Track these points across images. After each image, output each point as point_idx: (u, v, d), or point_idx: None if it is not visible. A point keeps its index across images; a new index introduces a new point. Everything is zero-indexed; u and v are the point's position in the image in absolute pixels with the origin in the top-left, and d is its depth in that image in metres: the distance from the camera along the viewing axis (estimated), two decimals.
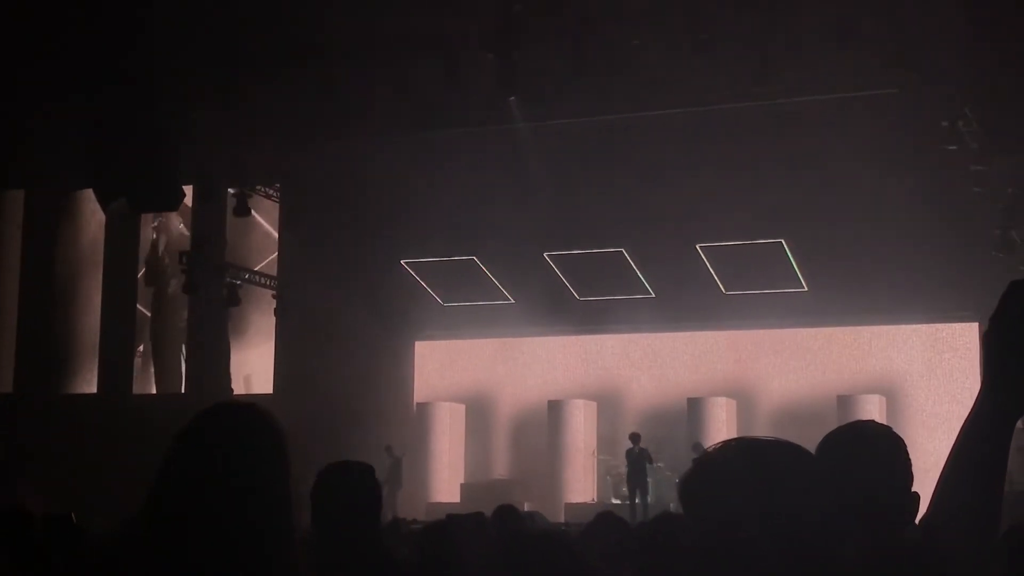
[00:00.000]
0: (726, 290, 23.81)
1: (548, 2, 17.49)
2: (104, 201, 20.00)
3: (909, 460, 3.12)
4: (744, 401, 23.92)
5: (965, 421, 2.24)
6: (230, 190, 23.08)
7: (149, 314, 26.21)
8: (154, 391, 25.88)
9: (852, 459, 3.02)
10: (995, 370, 2.21)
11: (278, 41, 18.90)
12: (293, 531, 2.49)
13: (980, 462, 2.22)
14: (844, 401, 22.53)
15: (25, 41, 19.28)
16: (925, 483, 3.07)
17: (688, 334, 24.85)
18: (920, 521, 2.44)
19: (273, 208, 25.18)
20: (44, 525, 5.96)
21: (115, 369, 25.59)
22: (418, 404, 25.97)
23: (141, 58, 17.82)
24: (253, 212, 23.83)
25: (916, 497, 3.05)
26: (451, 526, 5.65)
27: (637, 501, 21.21)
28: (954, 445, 2.25)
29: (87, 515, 9.41)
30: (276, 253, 25.43)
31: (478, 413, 25.78)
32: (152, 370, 26.25)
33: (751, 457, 2.13)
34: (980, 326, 21.70)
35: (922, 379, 23.35)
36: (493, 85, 18.54)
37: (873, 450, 3.09)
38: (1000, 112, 17.30)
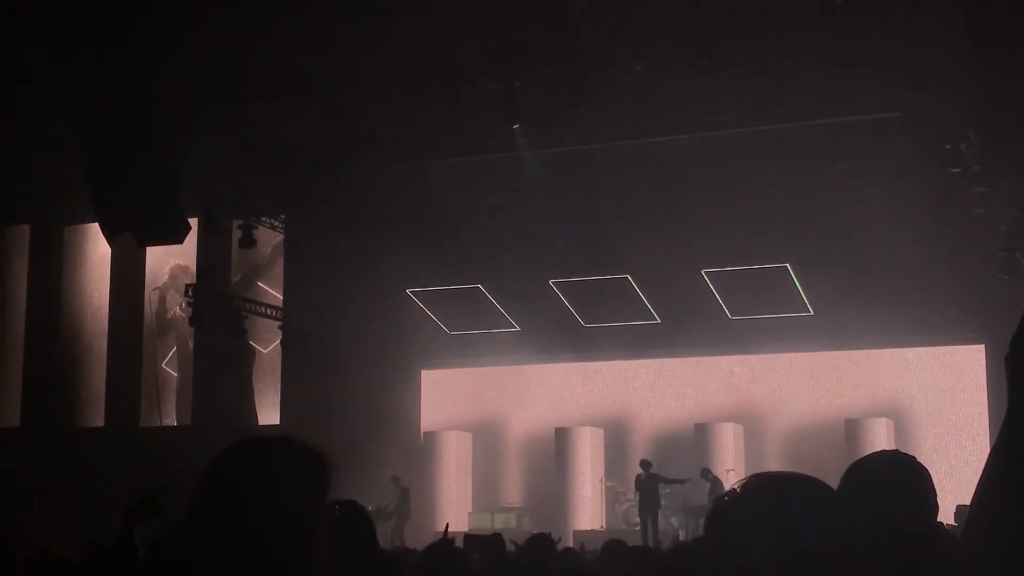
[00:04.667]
0: (732, 315, 23.79)
1: (550, 30, 17.52)
2: (109, 235, 20.00)
3: (934, 491, 3.09)
4: (751, 426, 23.85)
5: (994, 444, 2.22)
6: (235, 222, 23.08)
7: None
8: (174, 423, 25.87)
9: (877, 490, 3.01)
10: (1020, 391, 2.19)
11: (282, 71, 18.95)
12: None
13: (1010, 484, 2.18)
14: (852, 425, 22.48)
15: (27, 74, 19.32)
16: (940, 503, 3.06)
17: (694, 359, 24.80)
18: (957, 544, 2.40)
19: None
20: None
21: (122, 402, 25.56)
22: (425, 433, 25.92)
23: (145, 88, 17.85)
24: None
25: (940, 528, 3.03)
26: (467, 545, 5.61)
27: (650, 528, 21.16)
28: (984, 468, 2.23)
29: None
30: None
31: (485, 441, 25.72)
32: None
33: (772, 494, 2.11)
34: (987, 348, 21.68)
35: (930, 402, 23.27)
36: (496, 113, 18.58)
37: (898, 481, 3.08)
38: (1003, 134, 17.28)
